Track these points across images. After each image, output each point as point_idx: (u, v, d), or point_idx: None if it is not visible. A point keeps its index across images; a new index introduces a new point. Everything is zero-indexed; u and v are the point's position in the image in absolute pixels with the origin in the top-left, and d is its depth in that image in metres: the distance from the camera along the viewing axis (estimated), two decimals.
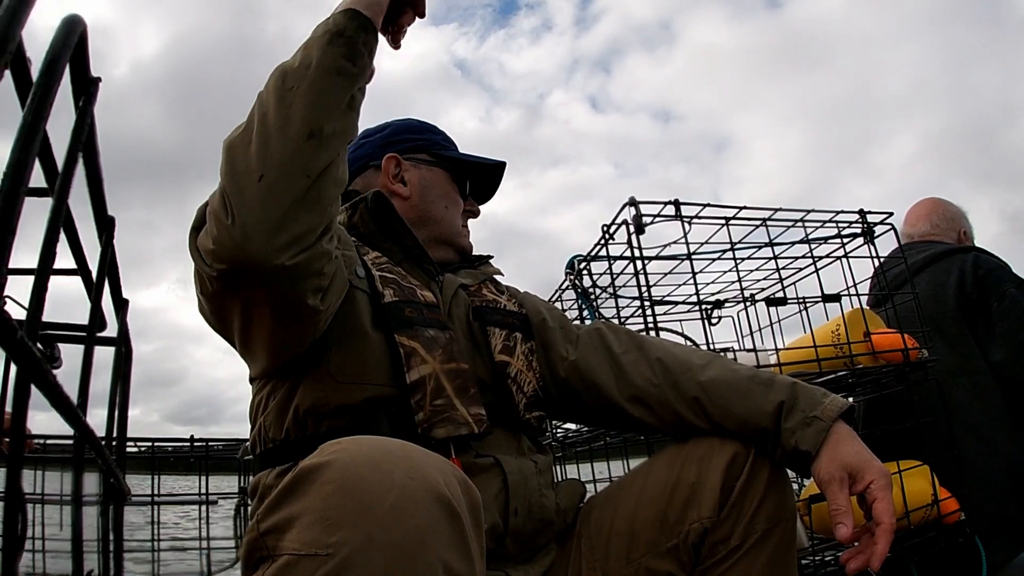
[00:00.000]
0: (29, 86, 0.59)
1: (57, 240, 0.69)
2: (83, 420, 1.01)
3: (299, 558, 0.52)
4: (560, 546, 1.02)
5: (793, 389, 0.98)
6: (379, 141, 1.21)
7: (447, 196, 1.19)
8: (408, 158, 1.18)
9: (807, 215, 1.53)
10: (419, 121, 1.26)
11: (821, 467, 0.91)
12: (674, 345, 1.14)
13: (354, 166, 1.19)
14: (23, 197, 0.49)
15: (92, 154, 0.88)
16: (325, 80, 0.79)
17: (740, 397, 0.98)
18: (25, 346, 0.53)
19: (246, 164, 0.75)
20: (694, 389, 1.02)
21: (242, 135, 0.77)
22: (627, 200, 1.45)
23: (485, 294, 1.16)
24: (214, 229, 0.74)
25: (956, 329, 1.74)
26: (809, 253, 1.60)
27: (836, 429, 0.93)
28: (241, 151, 0.76)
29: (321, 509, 0.52)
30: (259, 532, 0.56)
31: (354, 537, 0.50)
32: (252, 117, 0.79)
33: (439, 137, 1.24)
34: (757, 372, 1.03)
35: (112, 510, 1.67)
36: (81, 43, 0.66)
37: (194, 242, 0.80)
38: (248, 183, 0.73)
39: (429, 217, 1.16)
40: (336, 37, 0.81)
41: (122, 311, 1.55)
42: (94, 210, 1.08)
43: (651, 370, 1.07)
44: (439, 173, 1.19)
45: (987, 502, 1.56)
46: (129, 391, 1.85)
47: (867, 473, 0.88)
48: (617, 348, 1.12)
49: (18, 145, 0.51)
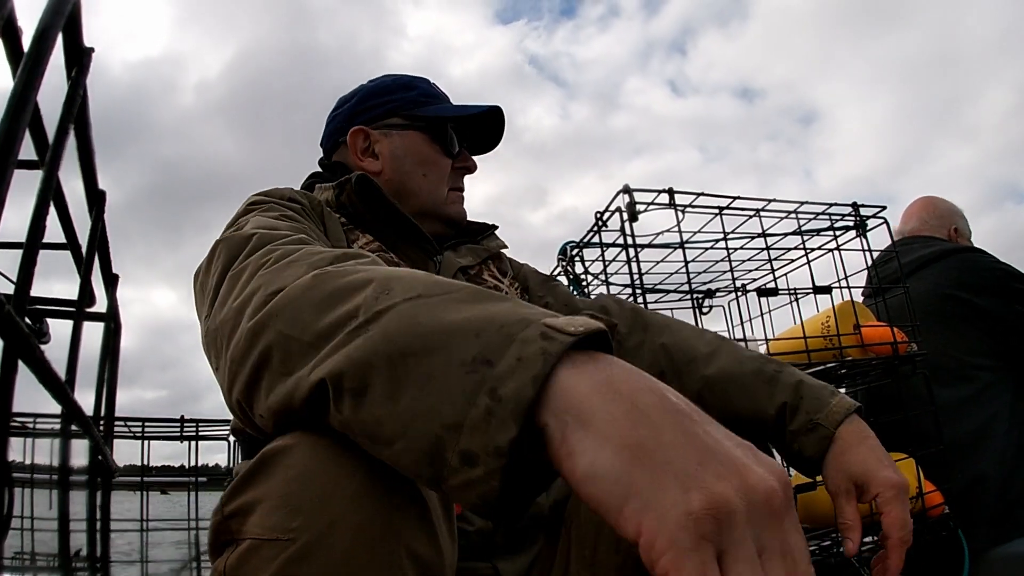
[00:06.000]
0: (20, 56, 0.58)
1: (47, 213, 0.69)
2: (71, 396, 1.00)
3: (261, 543, 0.50)
4: (548, 535, 0.99)
5: (798, 388, 0.92)
6: (346, 113, 1.12)
7: (425, 162, 1.08)
8: (378, 126, 1.08)
9: (800, 207, 1.53)
10: (393, 78, 1.14)
11: (828, 476, 0.87)
12: (679, 327, 1.07)
13: (327, 143, 1.14)
14: (12, 168, 0.49)
15: (84, 126, 0.87)
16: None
17: (744, 394, 0.93)
18: (12, 320, 0.53)
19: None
20: (698, 383, 0.96)
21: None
22: (621, 187, 1.44)
23: (486, 278, 1.10)
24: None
25: (954, 325, 1.75)
26: (801, 245, 1.60)
27: (841, 434, 0.87)
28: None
29: (283, 494, 0.51)
30: (223, 516, 0.53)
31: (316, 522, 0.49)
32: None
33: (414, 94, 1.11)
34: (763, 366, 0.96)
35: (100, 487, 1.67)
36: (74, 13, 0.65)
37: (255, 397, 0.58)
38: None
39: (406, 190, 1.07)
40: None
41: (112, 287, 1.55)
42: (85, 184, 1.07)
43: (654, 357, 1.01)
44: (413, 137, 1.08)
45: (972, 496, 1.58)
46: (118, 368, 1.84)
47: (873, 484, 0.83)
48: (622, 327, 1.05)
49: (8, 115, 0.50)
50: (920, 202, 2.21)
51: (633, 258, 1.47)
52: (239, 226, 0.79)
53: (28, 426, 3.10)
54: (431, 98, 1.12)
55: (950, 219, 2.15)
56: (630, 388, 0.41)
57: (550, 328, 0.43)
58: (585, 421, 0.40)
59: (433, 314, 0.46)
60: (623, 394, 0.40)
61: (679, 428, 0.39)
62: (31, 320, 1.37)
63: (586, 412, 0.40)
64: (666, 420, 0.39)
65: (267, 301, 0.56)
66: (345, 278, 0.53)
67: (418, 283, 0.50)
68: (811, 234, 1.60)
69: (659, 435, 0.38)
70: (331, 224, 0.96)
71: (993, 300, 1.76)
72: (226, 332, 0.59)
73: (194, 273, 0.77)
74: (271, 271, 0.60)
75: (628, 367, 0.43)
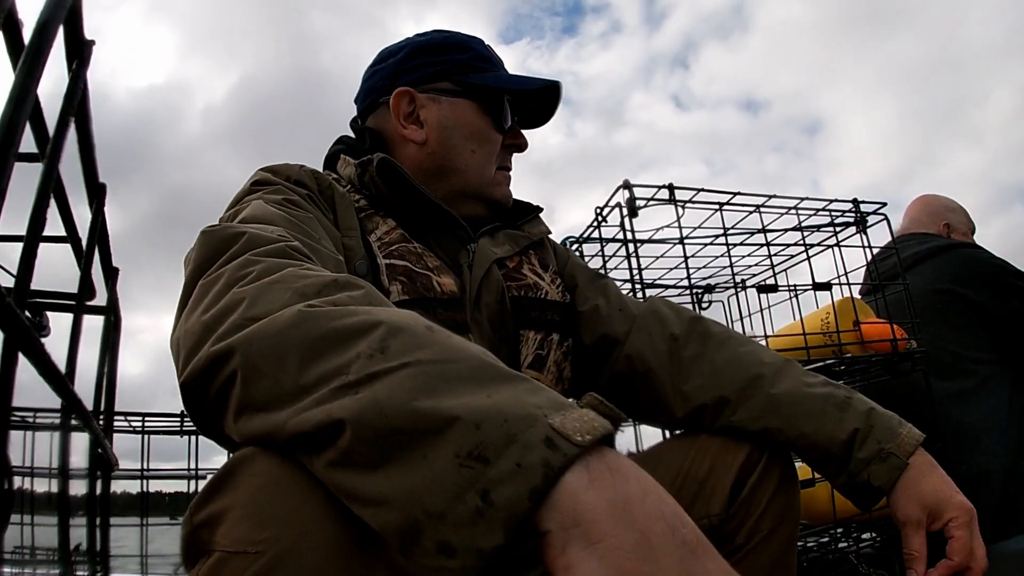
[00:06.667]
0: (21, 48, 0.58)
1: (47, 206, 0.68)
2: (71, 388, 1.01)
3: (229, 555, 0.47)
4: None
5: (870, 416, 0.87)
6: (390, 68, 0.99)
7: (475, 136, 0.96)
8: (424, 90, 0.96)
9: (800, 203, 1.53)
10: (444, 35, 1.01)
11: (898, 506, 0.84)
12: (741, 340, 0.99)
13: (364, 102, 1.01)
14: (13, 161, 0.49)
15: (84, 119, 0.87)
16: None
17: (812, 418, 0.87)
18: (13, 313, 0.53)
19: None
20: (762, 401, 0.89)
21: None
22: (621, 183, 1.44)
23: (525, 273, 0.99)
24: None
25: (950, 320, 1.76)
26: (801, 241, 1.61)
27: (913, 463, 0.84)
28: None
29: (251, 503, 0.47)
30: (192, 526, 0.50)
31: (286, 534, 0.46)
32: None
33: (468, 56, 0.99)
34: (833, 390, 0.90)
35: (100, 481, 1.67)
36: (75, 6, 0.65)
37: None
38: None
39: (451, 167, 0.96)
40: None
41: (112, 280, 1.55)
42: (85, 177, 1.07)
43: (714, 370, 0.93)
44: (464, 106, 0.96)
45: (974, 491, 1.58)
46: (117, 361, 1.84)
47: (947, 511, 0.81)
48: (677, 330, 0.97)
49: (9, 107, 0.50)
50: (916, 200, 2.24)
51: (633, 253, 1.47)
52: (239, 209, 0.75)
53: (28, 420, 3.10)
54: (486, 63, 1.00)
55: (942, 215, 2.16)
56: (645, 515, 0.39)
57: (556, 433, 0.40)
58: (592, 541, 0.38)
59: (432, 391, 0.43)
60: (637, 521, 0.39)
61: (682, 567, 0.38)
62: (31, 313, 1.37)
63: (595, 534, 0.38)
64: (672, 557, 0.38)
65: (240, 326, 0.51)
66: (336, 321, 0.49)
67: (417, 344, 0.46)
68: (811, 230, 1.60)
69: (659, 574, 0.38)
70: (343, 211, 0.88)
71: (988, 295, 1.76)
72: (188, 346, 0.55)
73: (184, 259, 0.70)
74: (249, 289, 0.54)
75: (644, 481, 0.41)
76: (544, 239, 1.07)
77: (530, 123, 1.06)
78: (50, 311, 1.39)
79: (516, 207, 1.05)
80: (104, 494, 1.79)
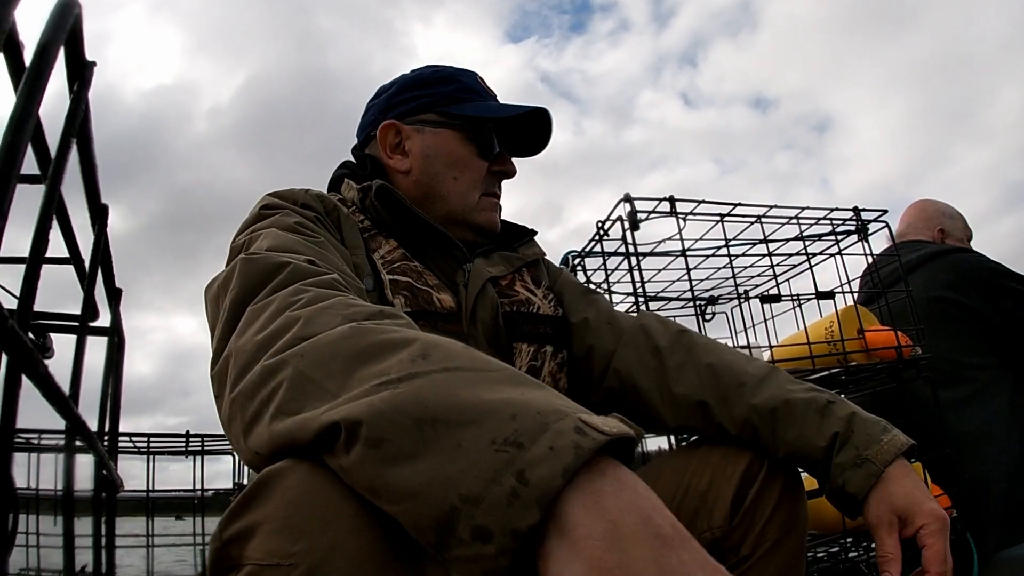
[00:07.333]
0: (22, 70, 0.58)
1: (50, 228, 0.69)
2: (75, 411, 1.00)
3: (262, 568, 0.47)
4: None
5: (850, 421, 0.87)
6: (382, 104, 1.05)
7: (457, 164, 1.00)
8: (410, 121, 1.01)
9: (802, 212, 1.53)
10: (434, 70, 1.06)
11: (870, 508, 0.84)
12: (726, 351, 1.01)
13: (361, 135, 1.08)
14: (15, 183, 0.49)
15: (86, 140, 0.87)
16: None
17: (794, 423, 0.88)
18: (16, 335, 0.53)
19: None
20: (746, 410, 0.90)
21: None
22: (622, 196, 1.45)
23: (518, 290, 1.02)
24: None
25: (947, 326, 1.75)
26: (803, 250, 1.60)
27: (888, 472, 0.84)
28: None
29: (283, 516, 0.48)
30: (222, 541, 0.50)
31: (319, 545, 0.47)
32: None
33: (451, 88, 1.03)
34: (816, 395, 0.91)
35: (105, 503, 1.66)
36: (75, 27, 0.65)
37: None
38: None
39: (435, 193, 1.00)
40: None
41: (115, 301, 1.55)
42: (88, 198, 1.07)
43: (699, 378, 0.95)
44: (446, 136, 1.01)
45: (979, 498, 1.57)
46: (122, 382, 1.84)
47: (918, 517, 0.81)
48: (663, 342, 1.00)
49: (10, 129, 0.50)
50: (911, 205, 2.23)
51: (635, 266, 1.47)
52: (254, 237, 0.77)
53: (32, 442, 3.10)
54: (472, 94, 1.04)
55: (936, 220, 2.15)
56: (617, 506, 0.40)
57: (585, 424, 0.42)
58: (563, 531, 0.40)
59: (471, 388, 0.46)
60: (607, 511, 0.40)
61: (652, 557, 0.39)
62: (34, 335, 1.37)
63: (566, 524, 0.40)
64: (642, 547, 0.39)
65: (294, 343, 0.54)
66: (383, 335, 0.52)
67: (456, 355, 0.49)
68: (813, 239, 1.60)
69: (630, 563, 0.38)
70: (348, 231, 0.92)
71: (982, 299, 1.76)
72: (240, 363, 0.57)
73: (208, 284, 0.75)
74: (303, 313, 0.58)
75: (622, 476, 0.42)
76: (539, 260, 1.11)
77: (524, 151, 1.10)
78: (53, 332, 1.39)
79: (511, 230, 1.10)
80: (109, 515, 1.78)
